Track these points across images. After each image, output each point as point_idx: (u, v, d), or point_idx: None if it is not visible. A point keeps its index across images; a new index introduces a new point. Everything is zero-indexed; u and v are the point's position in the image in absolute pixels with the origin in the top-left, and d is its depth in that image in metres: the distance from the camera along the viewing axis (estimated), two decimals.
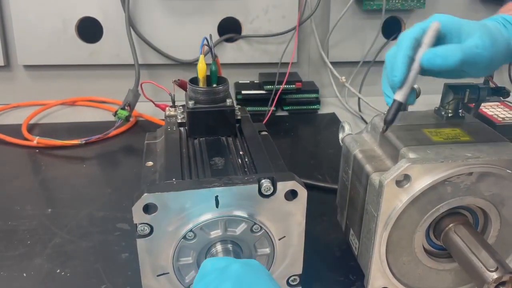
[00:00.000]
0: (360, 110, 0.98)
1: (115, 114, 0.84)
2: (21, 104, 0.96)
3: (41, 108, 0.93)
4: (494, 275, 0.39)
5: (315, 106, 0.98)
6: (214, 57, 0.52)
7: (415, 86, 0.55)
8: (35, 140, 0.79)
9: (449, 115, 0.51)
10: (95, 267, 0.53)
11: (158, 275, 0.43)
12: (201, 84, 0.51)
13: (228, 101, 0.51)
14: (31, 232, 0.59)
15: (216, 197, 0.41)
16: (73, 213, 0.63)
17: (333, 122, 0.94)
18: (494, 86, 0.53)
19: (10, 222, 0.61)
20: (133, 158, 0.79)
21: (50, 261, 0.54)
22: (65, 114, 0.95)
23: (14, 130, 0.84)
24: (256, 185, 0.41)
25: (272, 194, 0.42)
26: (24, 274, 0.52)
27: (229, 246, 0.43)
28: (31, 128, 0.87)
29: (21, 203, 0.65)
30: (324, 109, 1.00)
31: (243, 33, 0.98)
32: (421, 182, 0.42)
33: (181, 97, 0.57)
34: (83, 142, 0.80)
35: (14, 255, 0.55)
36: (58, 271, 0.53)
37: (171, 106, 0.56)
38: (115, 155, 0.80)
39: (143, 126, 0.89)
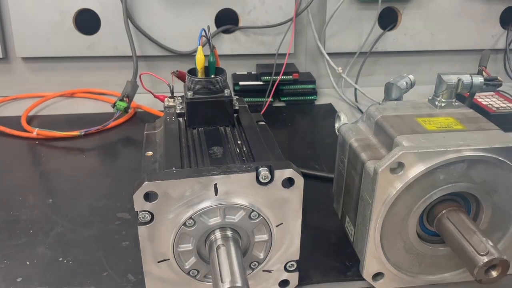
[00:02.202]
0: (356, 101, 0.99)
1: (114, 105, 0.85)
2: (20, 96, 0.97)
3: (40, 100, 0.94)
4: (485, 259, 0.40)
5: (312, 97, 0.99)
6: (212, 48, 0.53)
7: (410, 76, 0.56)
8: (35, 132, 0.80)
9: (443, 104, 0.52)
10: (96, 255, 0.54)
11: (158, 262, 0.44)
12: (199, 75, 0.52)
13: (226, 92, 0.52)
14: (32, 221, 0.60)
15: (215, 185, 0.42)
16: (74, 203, 0.64)
17: (330, 112, 0.95)
18: (487, 76, 0.54)
19: (12, 212, 0.62)
20: (133, 149, 0.79)
21: (52, 250, 0.55)
22: (64, 106, 0.95)
23: (13, 122, 0.85)
24: (254, 173, 0.42)
25: (270, 182, 0.43)
26: (27, 262, 0.53)
27: (228, 233, 0.44)
28: (31, 120, 0.87)
29: (22, 193, 0.66)
30: (321, 100, 1.01)
31: (240, 24, 0.98)
32: (414, 170, 0.43)
33: (179, 88, 0.58)
34: (83, 133, 0.81)
35: (17, 244, 0.56)
36: (61, 259, 0.54)
37: (170, 97, 0.57)
38: (115, 146, 0.81)
39: (142, 118, 0.90)
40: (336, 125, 0.57)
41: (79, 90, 0.99)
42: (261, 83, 0.94)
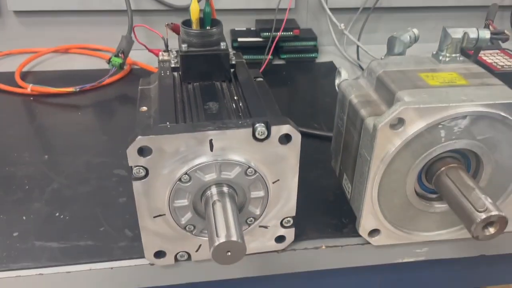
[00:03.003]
0: (358, 59, 0.97)
1: (109, 61, 0.82)
2: (13, 51, 0.95)
3: (34, 56, 0.91)
4: (483, 215, 0.40)
5: (313, 55, 0.96)
6: None
7: (414, 30, 0.54)
8: (29, 88, 0.78)
9: (447, 59, 0.50)
10: (93, 211, 0.54)
11: (154, 217, 0.44)
12: (194, 27, 0.50)
13: (223, 45, 0.50)
14: (29, 177, 0.60)
15: (210, 140, 0.41)
16: (70, 160, 0.63)
17: (331, 70, 0.93)
18: (494, 30, 0.51)
19: (7, 168, 0.61)
20: (129, 106, 0.78)
21: (49, 205, 0.55)
22: (58, 62, 0.93)
23: (7, 77, 0.83)
24: (250, 129, 0.41)
25: (266, 138, 0.42)
26: (24, 217, 0.53)
27: (224, 189, 0.44)
28: (24, 76, 0.85)
29: (17, 150, 0.65)
30: (322, 58, 0.98)
31: None
32: (415, 126, 0.42)
33: (175, 43, 0.56)
34: (78, 89, 0.79)
35: (13, 200, 0.56)
36: (57, 214, 0.54)
37: (164, 51, 0.55)
38: (110, 103, 0.79)
39: (138, 74, 0.88)
40: (336, 81, 0.55)
41: (73, 46, 0.96)
42: (260, 39, 0.92)
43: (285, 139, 0.42)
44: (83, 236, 0.51)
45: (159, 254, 0.47)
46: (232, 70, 0.53)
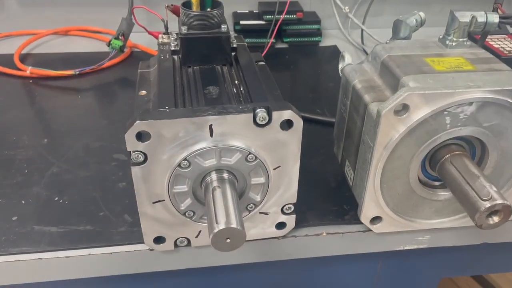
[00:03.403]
0: (363, 43, 0.95)
1: (109, 44, 0.81)
2: (12, 33, 0.93)
3: (33, 38, 0.90)
4: (487, 204, 0.39)
5: (317, 38, 0.95)
6: None
7: (420, 13, 0.52)
8: (28, 70, 0.77)
9: (454, 43, 0.49)
10: (93, 195, 0.54)
11: (153, 202, 0.44)
12: (194, 8, 0.49)
13: (223, 27, 0.49)
14: (28, 161, 0.59)
15: (210, 126, 0.40)
16: (69, 144, 0.63)
17: (335, 55, 0.91)
18: (502, 14, 0.50)
19: (6, 152, 0.61)
20: (129, 89, 0.77)
21: (48, 189, 0.54)
22: (58, 44, 0.92)
23: (6, 59, 0.82)
24: (251, 114, 0.40)
25: (267, 123, 0.41)
26: (23, 201, 0.53)
27: (224, 175, 0.43)
28: (24, 58, 0.84)
29: (16, 133, 0.64)
30: (326, 42, 0.96)
31: None
32: (419, 112, 0.41)
33: (175, 26, 0.55)
34: (77, 72, 0.78)
35: (12, 183, 0.55)
36: (56, 198, 0.53)
37: (164, 33, 0.54)
38: (111, 86, 0.78)
39: (139, 57, 0.86)
40: (340, 66, 0.54)
41: (73, 28, 0.95)
42: (263, 22, 0.90)
43: (287, 124, 0.42)
44: (83, 221, 0.50)
45: (159, 240, 0.47)
46: (233, 53, 0.52)
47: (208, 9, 0.50)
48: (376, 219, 0.49)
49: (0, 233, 0.48)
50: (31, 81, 0.78)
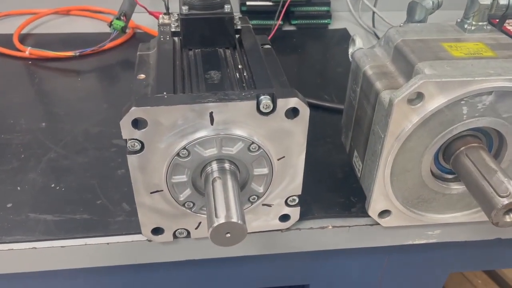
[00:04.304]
0: (374, 26, 0.92)
1: (111, 24, 0.79)
2: (11, 12, 0.91)
3: (33, 17, 0.87)
4: (505, 201, 0.37)
5: (326, 21, 0.92)
6: None
7: None
8: (27, 51, 0.75)
9: (473, 28, 0.46)
10: (90, 182, 0.52)
11: (151, 192, 0.42)
12: None
13: (227, 7, 0.46)
14: (25, 146, 0.57)
15: (211, 113, 0.38)
16: (68, 128, 0.61)
17: (344, 38, 0.88)
18: None
19: (3, 136, 0.59)
20: (131, 72, 0.73)
21: (45, 176, 0.53)
22: (58, 24, 0.89)
23: (5, 39, 0.80)
24: (255, 102, 0.38)
25: (272, 111, 0.38)
26: (18, 188, 0.51)
27: (226, 165, 0.41)
28: (23, 38, 0.82)
29: (13, 116, 0.63)
30: (335, 24, 0.93)
31: None
32: (435, 101, 0.38)
33: (176, 6, 0.52)
34: (77, 54, 0.76)
35: (8, 169, 0.54)
36: (53, 185, 0.52)
37: (164, 14, 0.52)
38: (112, 69, 0.76)
39: (142, 39, 0.84)
40: (350, 50, 0.51)
41: (74, 7, 0.92)
42: (270, 3, 0.87)
43: (292, 113, 0.39)
44: (79, 209, 0.49)
45: (157, 231, 0.45)
46: (237, 36, 0.49)
47: None
48: (384, 213, 0.46)
49: None
50: (30, 62, 0.76)
